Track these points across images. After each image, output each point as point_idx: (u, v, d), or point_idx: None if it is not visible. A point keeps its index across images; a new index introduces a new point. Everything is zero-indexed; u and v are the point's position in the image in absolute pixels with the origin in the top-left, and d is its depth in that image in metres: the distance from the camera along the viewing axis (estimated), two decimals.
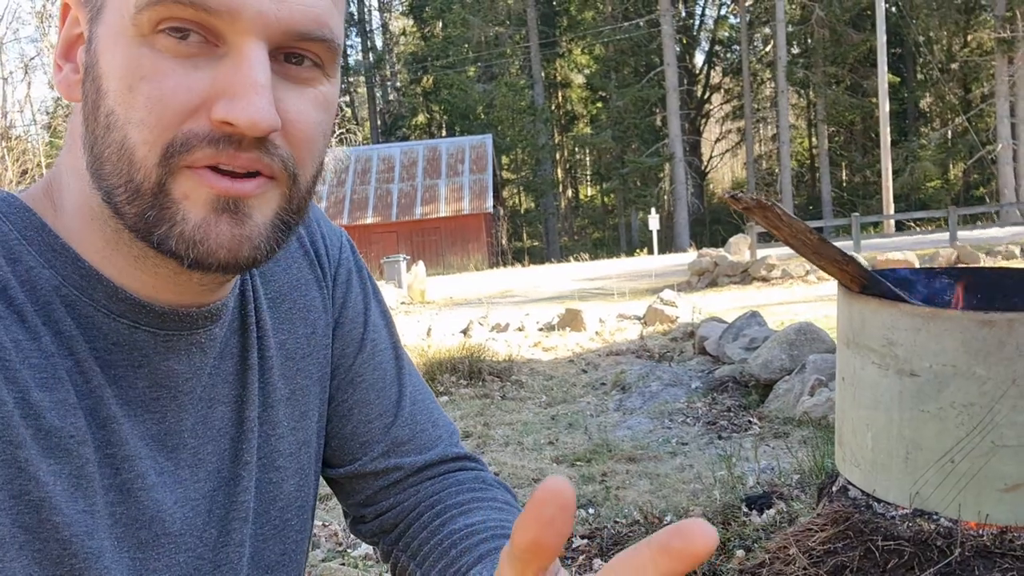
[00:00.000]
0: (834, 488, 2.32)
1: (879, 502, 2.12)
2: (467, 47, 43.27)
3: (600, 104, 45.45)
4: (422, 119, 48.40)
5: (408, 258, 20.43)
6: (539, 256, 39.36)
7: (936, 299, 2.39)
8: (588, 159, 51.13)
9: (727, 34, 46.95)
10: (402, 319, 13.37)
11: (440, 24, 45.94)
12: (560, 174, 47.82)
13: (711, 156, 50.07)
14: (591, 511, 3.93)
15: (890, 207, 25.86)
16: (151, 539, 0.68)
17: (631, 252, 33.51)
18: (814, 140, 44.62)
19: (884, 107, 25.84)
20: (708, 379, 6.74)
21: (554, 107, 46.51)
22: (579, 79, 47.06)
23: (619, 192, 41.15)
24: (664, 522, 3.56)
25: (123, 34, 0.59)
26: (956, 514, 1.95)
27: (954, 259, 14.50)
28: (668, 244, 35.68)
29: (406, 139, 44.54)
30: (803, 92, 42.63)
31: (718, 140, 50.04)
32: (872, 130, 37.60)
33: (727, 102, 47.89)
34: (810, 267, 13.99)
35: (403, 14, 51.23)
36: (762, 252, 17.67)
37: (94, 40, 0.61)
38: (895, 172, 31.26)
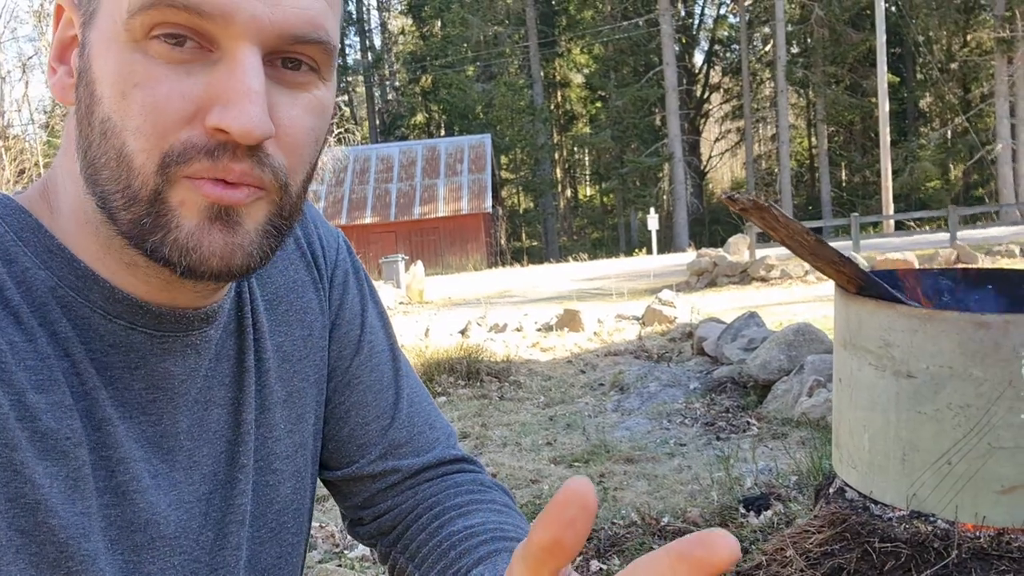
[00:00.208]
0: (831, 489, 2.33)
1: (876, 504, 2.12)
2: (466, 46, 43.26)
3: (599, 104, 45.45)
4: (421, 119, 48.40)
5: (406, 258, 20.41)
6: (538, 256, 39.34)
7: (934, 300, 2.40)
8: (587, 159, 51.15)
9: (726, 33, 46.98)
10: (400, 319, 13.37)
11: (439, 23, 45.92)
12: (559, 174, 47.82)
13: (710, 156, 50.08)
14: None
15: (889, 207, 25.89)
16: (146, 542, 0.67)
17: (630, 252, 33.50)
18: (813, 140, 44.65)
19: (884, 107, 25.87)
20: (706, 380, 6.74)
21: (553, 107, 46.51)
22: (578, 79, 47.05)
23: (618, 192, 41.16)
24: (662, 523, 3.56)
25: (116, 39, 0.58)
26: (953, 516, 1.96)
27: (953, 259, 14.49)
28: (667, 244, 35.68)
29: (405, 139, 44.51)
30: (802, 92, 42.66)
31: (717, 140, 50.06)
32: (872, 130, 37.62)
33: (726, 102, 47.90)
34: (809, 267, 13.99)
35: (402, 13, 51.22)
36: (761, 252, 17.66)
37: (87, 45, 0.61)
38: (895, 172, 31.26)
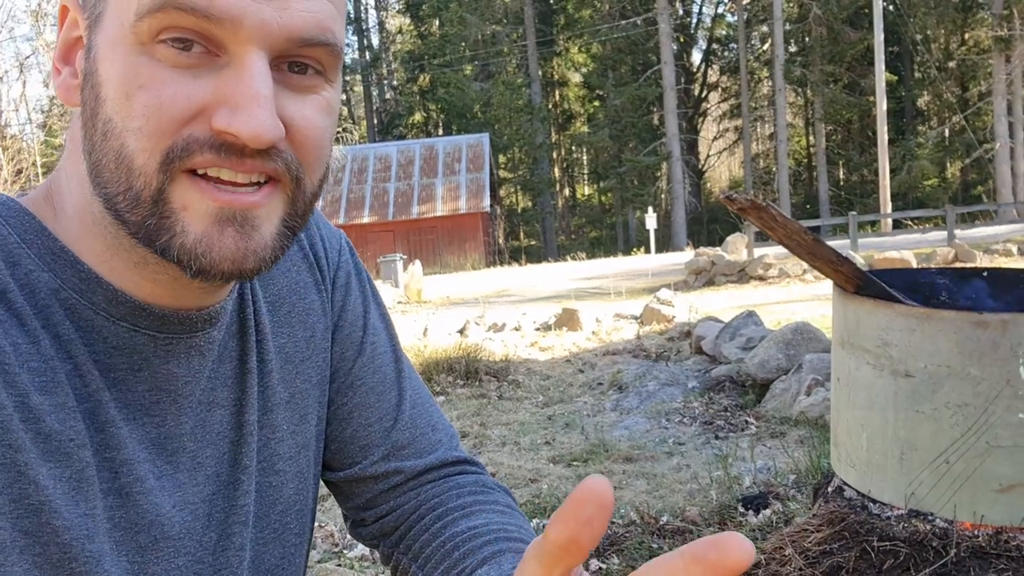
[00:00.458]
0: (830, 488, 2.33)
1: (875, 503, 2.12)
2: (464, 45, 43.23)
3: (597, 103, 45.39)
4: (419, 118, 48.36)
5: (405, 257, 20.40)
6: (536, 255, 39.31)
7: (931, 299, 2.40)
8: (585, 158, 51.11)
9: (724, 32, 46.96)
10: (398, 319, 13.36)
11: (437, 22, 45.87)
12: (557, 173, 47.79)
13: (708, 155, 50.04)
14: None
15: (887, 206, 25.90)
16: (150, 543, 0.68)
17: (628, 251, 33.49)
18: (811, 139, 44.66)
19: (881, 105, 25.88)
20: (705, 379, 6.74)
21: (551, 106, 46.46)
22: (576, 78, 47.00)
23: (616, 191, 41.11)
24: (661, 522, 3.56)
25: (122, 42, 0.58)
26: (951, 515, 1.96)
27: (951, 258, 14.49)
28: (665, 243, 35.65)
29: (403, 138, 44.46)
30: (800, 90, 42.65)
31: (715, 139, 50.02)
32: (869, 128, 37.62)
33: (724, 100, 47.86)
34: (807, 266, 13.96)
35: (400, 12, 51.15)
36: (759, 251, 17.65)
37: (93, 48, 0.61)
38: (892, 171, 31.28)
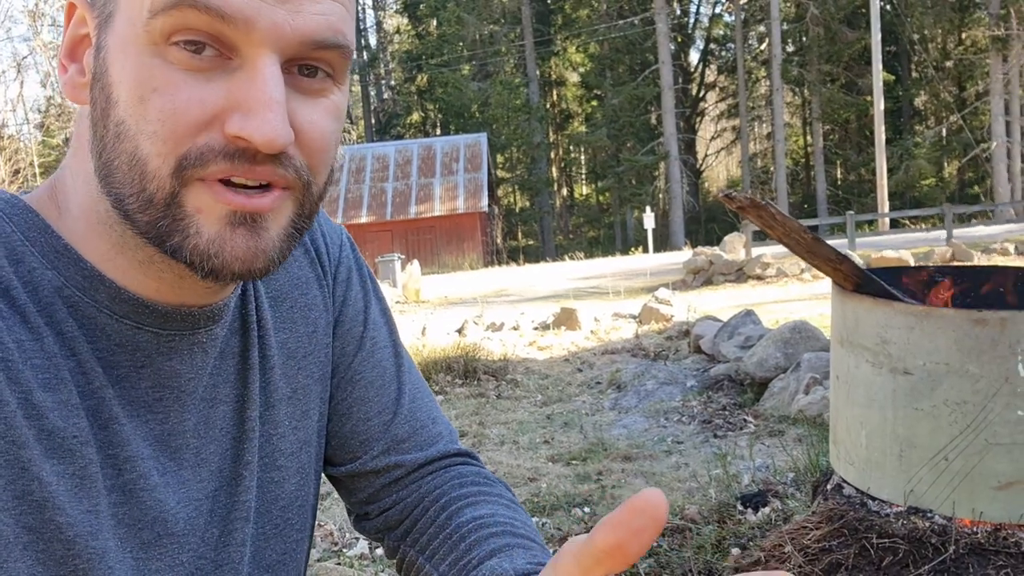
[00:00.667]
0: (829, 486, 2.33)
1: (873, 500, 2.13)
2: (462, 45, 43.27)
3: (595, 102, 45.41)
4: (416, 117, 48.35)
5: (403, 257, 20.40)
6: (534, 255, 39.32)
7: (930, 298, 2.40)
8: (583, 157, 51.11)
9: (722, 32, 47.00)
10: (397, 318, 13.34)
11: (435, 22, 45.88)
12: (555, 173, 47.79)
13: (706, 154, 50.07)
14: (586, 510, 3.94)
15: (885, 205, 25.91)
16: (154, 539, 0.68)
17: (626, 251, 33.51)
18: (809, 138, 44.69)
19: (879, 105, 25.88)
20: (703, 378, 6.75)
21: (549, 105, 46.50)
22: (574, 77, 47.02)
23: (614, 190, 41.12)
24: None
25: (134, 42, 0.58)
26: (950, 512, 1.96)
27: (949, 257, 14.50)
28: (663, 242, 35.66)
29: (400, 138, 44.47)
30: (798, 90, 42.68)
31: (713, 138, 50.05)
32: (867, 128, 37.66)
33: (722, 100, 47.91)
34: (805, 265, 13.99)
35: (397, 12, 51.15)
36: (757, 250, 17.66)
37: (103, 48, 0.60)
38: (890, 170, 31.29)
